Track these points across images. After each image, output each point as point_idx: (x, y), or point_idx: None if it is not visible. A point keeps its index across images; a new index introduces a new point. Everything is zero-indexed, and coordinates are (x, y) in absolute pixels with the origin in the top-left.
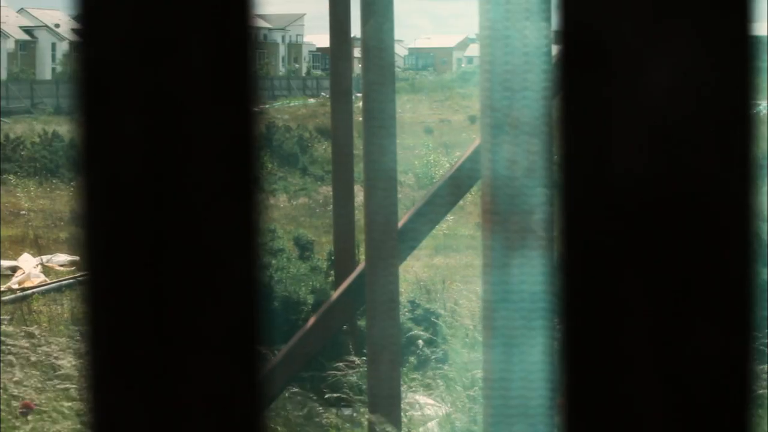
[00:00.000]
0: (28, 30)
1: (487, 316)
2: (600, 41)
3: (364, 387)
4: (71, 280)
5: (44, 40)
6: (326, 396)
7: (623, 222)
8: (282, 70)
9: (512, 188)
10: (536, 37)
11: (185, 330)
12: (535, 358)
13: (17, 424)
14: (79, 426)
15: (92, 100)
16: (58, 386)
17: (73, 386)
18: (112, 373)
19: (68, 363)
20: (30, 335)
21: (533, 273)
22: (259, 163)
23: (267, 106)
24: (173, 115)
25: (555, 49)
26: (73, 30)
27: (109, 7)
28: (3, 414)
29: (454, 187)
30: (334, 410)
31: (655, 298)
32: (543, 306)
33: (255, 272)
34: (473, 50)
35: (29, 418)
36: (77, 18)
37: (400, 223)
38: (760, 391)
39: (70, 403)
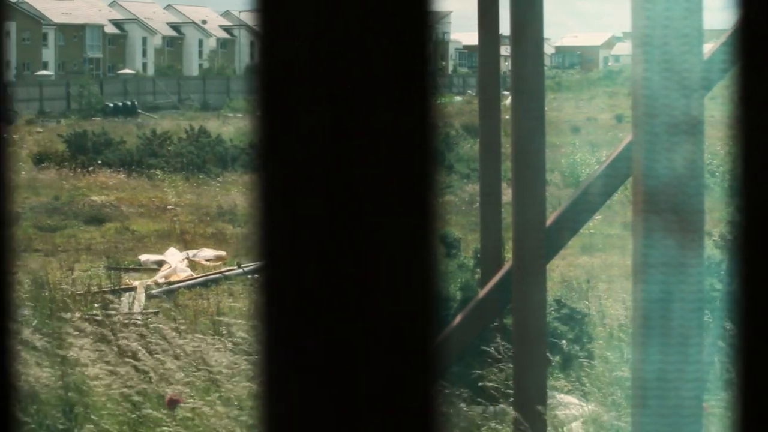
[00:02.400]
0: (175, 26)
1: (645, 317)
2: None
3: (510, 385)
4: (217, 275)
5: (191, 36)
6: (472, 393)
7: None
8: None
9: (688, 188)
10: (708, 35)
11: (360, 323)
12: (702, 359)
13: (164, 417)
14: (226, 418)
15: (273, 97)
16: (204, 379)
17: (220, 379)
18: (289, 366)
19: (214, 356)
20: (176, 329)
21: (695, 273)
22: (436, 158)
23: None
24: (354, 111)
25: (710, 48)
26: (254, 27)
27: (290, 5)
28: (150, 406)
29: (603, 186)
30: (479, 407)
31: None
32: (708, 306)
33: (431, 266)
34: (619, 49)
35: (176, 411)
36: (258, 15)
37: (548, 222)
38: None
39: (217, 395)
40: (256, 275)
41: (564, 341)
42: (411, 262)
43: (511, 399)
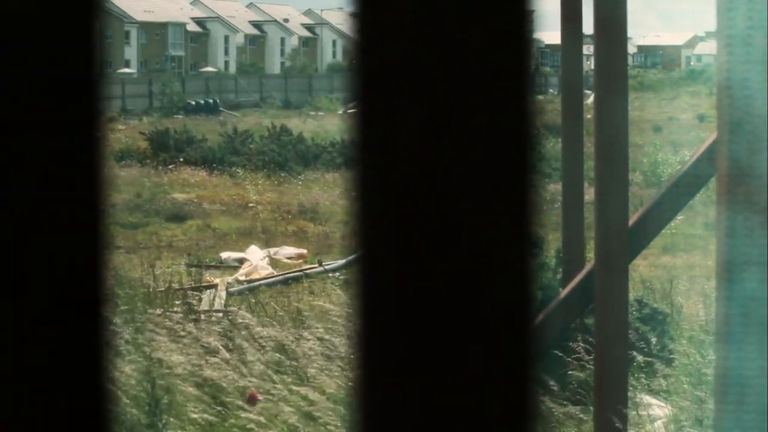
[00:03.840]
0: (257, 24)
1: (729, 315)
2: None
3: (591, 385)
4: (298, 273)
5: (273, 34)
6: (553, 393)
7: None
8: None
9: None
10: None
11: (457, 320)
12: None
13: (244, 413)
14: (305, 413)
15: (371, 96)
16: (285, 377)
17: (302, 375)
18: (381, 361)
19: (295, 353)
20: (257, 326)
21: None
22: (534, 157)
23: None
24: (451, 111)
25: None
26: (351, 26)
27: (388, 6)
28: (230, 401)
29: (686, 186)
30: (561, 407)
31: None
32: None
33: (525, 267)
34: (702, 48)
35: (255, 407)
36: (356, 16)
37: (631, 222)
38: None
39: (299, 390)
40: (338, 273)
41: (646, 341)
42: (505, 262)
43: (593, 399)
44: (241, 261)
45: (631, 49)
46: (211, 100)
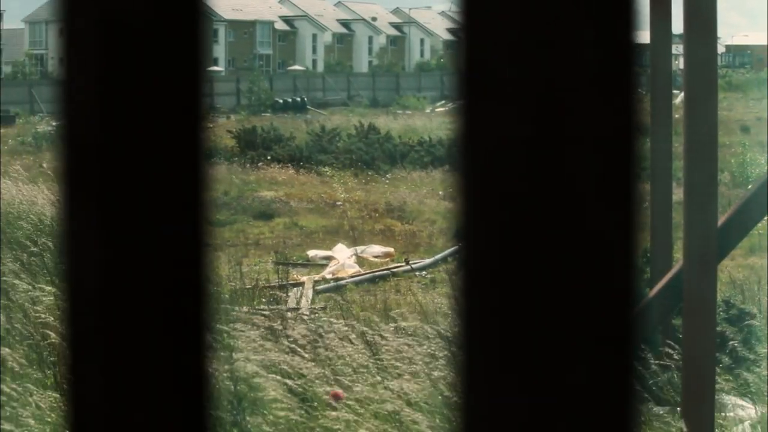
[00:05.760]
0: (345, 23)
1: None
2: None
3: (678, 385)
4: (385, 271)
5: (361, 33)
6: (641, 393)
7: None
8: None
9: None
10: None
11: (559, 321)
12: None
13: (331, 411)
14: (388, 413)
15: (474, 96)
16: (372, 375)
17: (391, 373)
18: (487, 360)
19: (384, 351)
20: (344, 324)
21: None
22: (640, 158)
23: None
24: (554, 111)
25: None
26: (455, 26)
27: (493, 5)
28: (317, 399)
29: None
30: (646, 408)
31: None
32: None
33: (630, 266)
34: None
35: (338, 406)
36: (459, 14)
37: (719, 222)
38: None
39: (388, 388)
40: (425, 272)
41: (733, 342)
42: (608, 264)
43: (679, 400)
44: (328, 259)
45: (720, 48)
46: (298, 99)
